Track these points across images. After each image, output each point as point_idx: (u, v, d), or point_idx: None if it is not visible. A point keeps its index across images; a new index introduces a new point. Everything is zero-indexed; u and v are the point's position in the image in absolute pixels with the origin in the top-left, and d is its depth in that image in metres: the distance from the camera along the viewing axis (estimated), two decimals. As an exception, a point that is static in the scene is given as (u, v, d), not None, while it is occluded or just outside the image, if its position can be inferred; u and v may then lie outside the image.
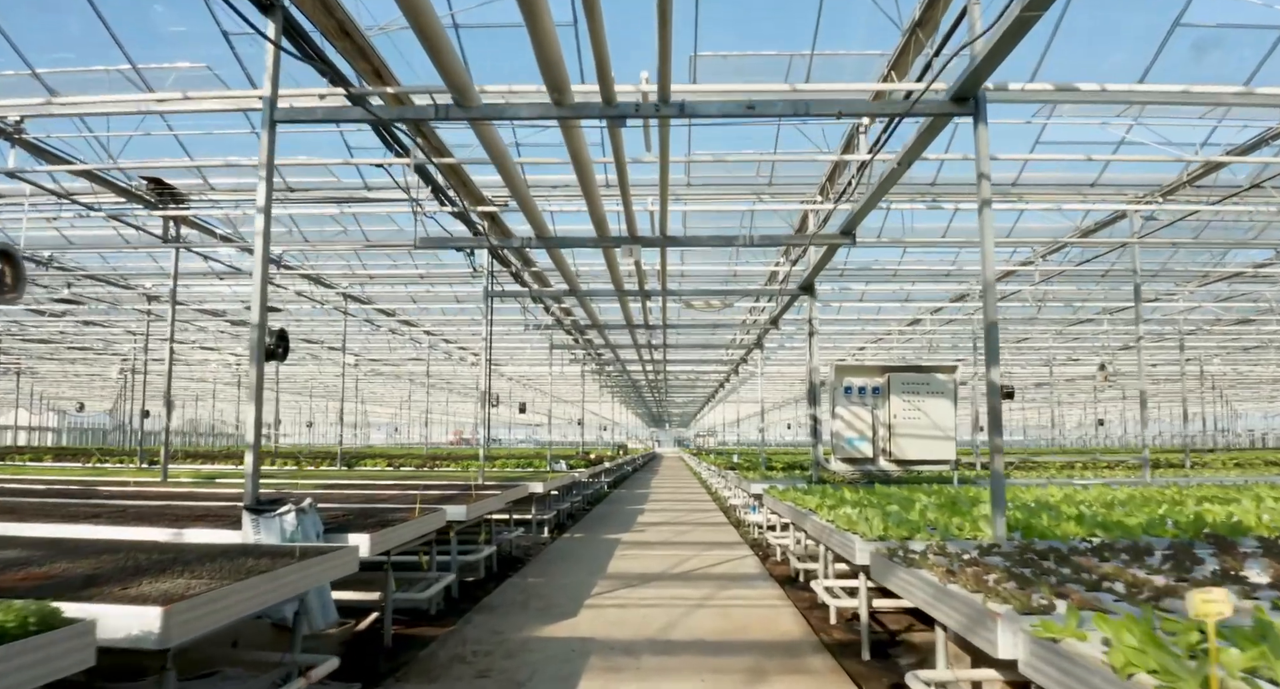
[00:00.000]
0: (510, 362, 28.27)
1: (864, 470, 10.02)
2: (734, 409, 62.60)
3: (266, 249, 5.05)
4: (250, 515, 4.67)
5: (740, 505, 13.69)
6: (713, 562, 9.21)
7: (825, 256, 9.05)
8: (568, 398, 45.87)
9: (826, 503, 6.80)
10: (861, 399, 10.10)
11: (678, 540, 11.24)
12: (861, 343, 25.43)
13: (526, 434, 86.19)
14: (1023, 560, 3.66)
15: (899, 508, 6.04)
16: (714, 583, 7.83)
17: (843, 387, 10.09)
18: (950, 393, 10.00)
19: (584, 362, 21.07)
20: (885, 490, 8.35)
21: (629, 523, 13.47)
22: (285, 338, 14.97)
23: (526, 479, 11.35)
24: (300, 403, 57.94)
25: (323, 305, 16.21)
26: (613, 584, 7.73)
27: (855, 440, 9.98)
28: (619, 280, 9.91)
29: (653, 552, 10.03)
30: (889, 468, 10.01)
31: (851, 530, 5.17)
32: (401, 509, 6.28)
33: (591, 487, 17.61)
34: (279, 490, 8.78)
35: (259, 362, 4.93)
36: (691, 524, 13.36)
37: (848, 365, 10.30)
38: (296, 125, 9.19)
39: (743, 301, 14.81)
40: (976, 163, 4.77)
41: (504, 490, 8.74)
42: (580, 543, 10.93)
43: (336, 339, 24.55)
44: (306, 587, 3.84)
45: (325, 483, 9.91)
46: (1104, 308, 18.27)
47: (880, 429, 10.03)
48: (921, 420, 9.89)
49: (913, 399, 9.91)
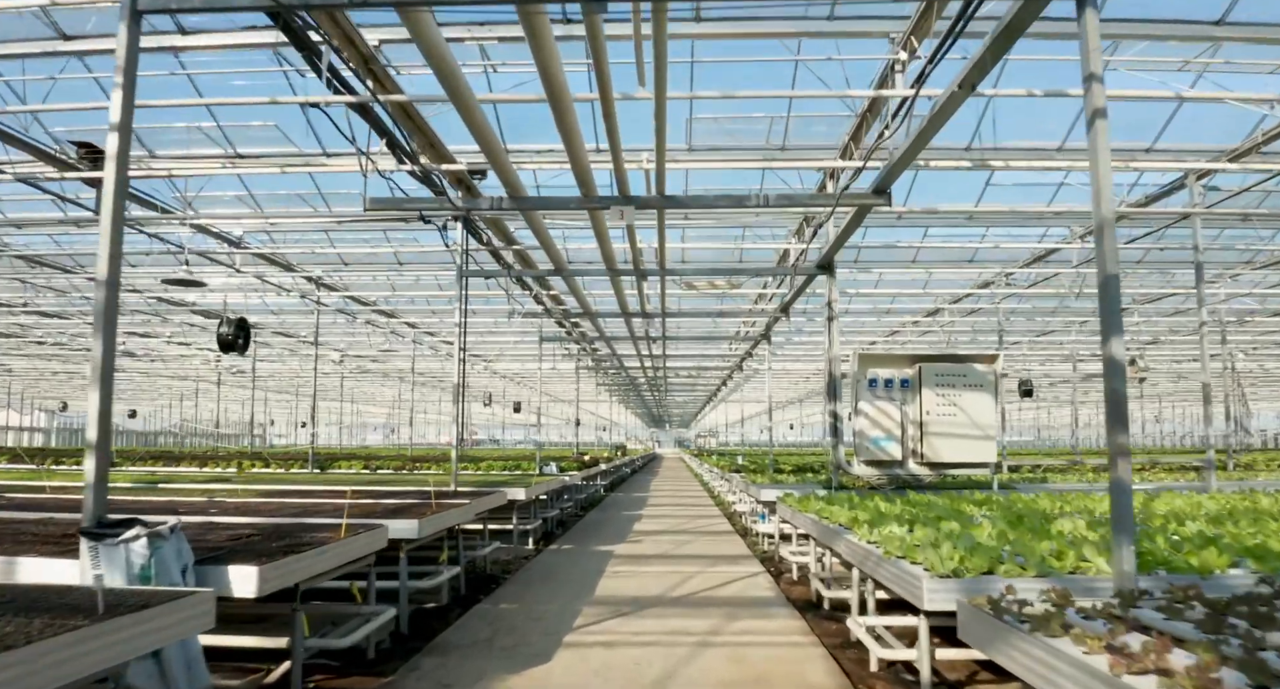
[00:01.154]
0: (500, 357, 26.97)
1: (891, 475, 8.74)
2: (735, 409, 61.35)
3: (123, 177, 3.75)
4: (88, 542, 3.39)
5: (747, 512, 12.43)
6: (718, 580, 7.93)
7: (849, 227, 7.77)
8: (565, 397, 44.59)
9: (860, 517, 5.53)
10: (888, 393, 8.82)
11: (678, 553, 9.96)
12: (873, 337, 24.11)
13: (524, 435, 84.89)
14: (1200, 621, 2.39)
15: (957, 526, 4.76)
16: (722, 610, 6.55)
17: (867, 379, 8.80)
18: (990, 386, 8.72)
19: (578, 357, 19.81)
20: (922, 499, 7.07)
21: (625, 531, 12.20)
22: (246, 327, 13.51)
23: (507, 484, 10.08)
24: (294, 403, 56.72)
25: (286, 292, 14.92)
26: (600, 612, 6.45)
27: (881, 440, 8.70)
28: (610, 254, 8.62)
29: (650, 568, 8.76)
30: (920, 472, 8.73)
31: (909, 559, 3.89)
32: (334, 526, 5.01)
33: (585, 490, 16.34)
34: (209, 497, 7.52)
35: (105, 335, 3.62)
36: (693, 533, 12.09)
37: (873, 354, 9.03)
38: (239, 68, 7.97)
39: (749, 288, 13.51)
40: (1084, 60, 3.49)
41: (475, 499, 7.47)
42: (568, 556, 9.65)
43: (318, 334, 23.31)
44: (121, 656, 2.57)
45: (268, 489, 8.64)
46: (1135, 296, 16.98)
47: (910, 427, 8.75)
48: (958, 417, 8.61)
49: (948, 393, 8.63)
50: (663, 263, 8.81)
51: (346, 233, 12.62)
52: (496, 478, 11.89)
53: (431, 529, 5.84)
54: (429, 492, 8.24)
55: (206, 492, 8.19)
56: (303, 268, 13.85)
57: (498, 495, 8.37)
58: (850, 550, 4.80)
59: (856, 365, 8.78)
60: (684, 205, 6.70)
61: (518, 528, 9.69)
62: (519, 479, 11.21)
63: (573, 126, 5.58)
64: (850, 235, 7.66)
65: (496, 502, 8.25)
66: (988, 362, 8.83)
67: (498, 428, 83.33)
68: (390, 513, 5.99)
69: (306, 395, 49.05)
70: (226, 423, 58.24)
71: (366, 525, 5.04)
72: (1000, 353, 8.86)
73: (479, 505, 7.55)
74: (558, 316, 12.63)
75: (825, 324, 8.88)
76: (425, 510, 6.19)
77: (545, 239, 8.55)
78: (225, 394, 45.91)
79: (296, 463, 15.37)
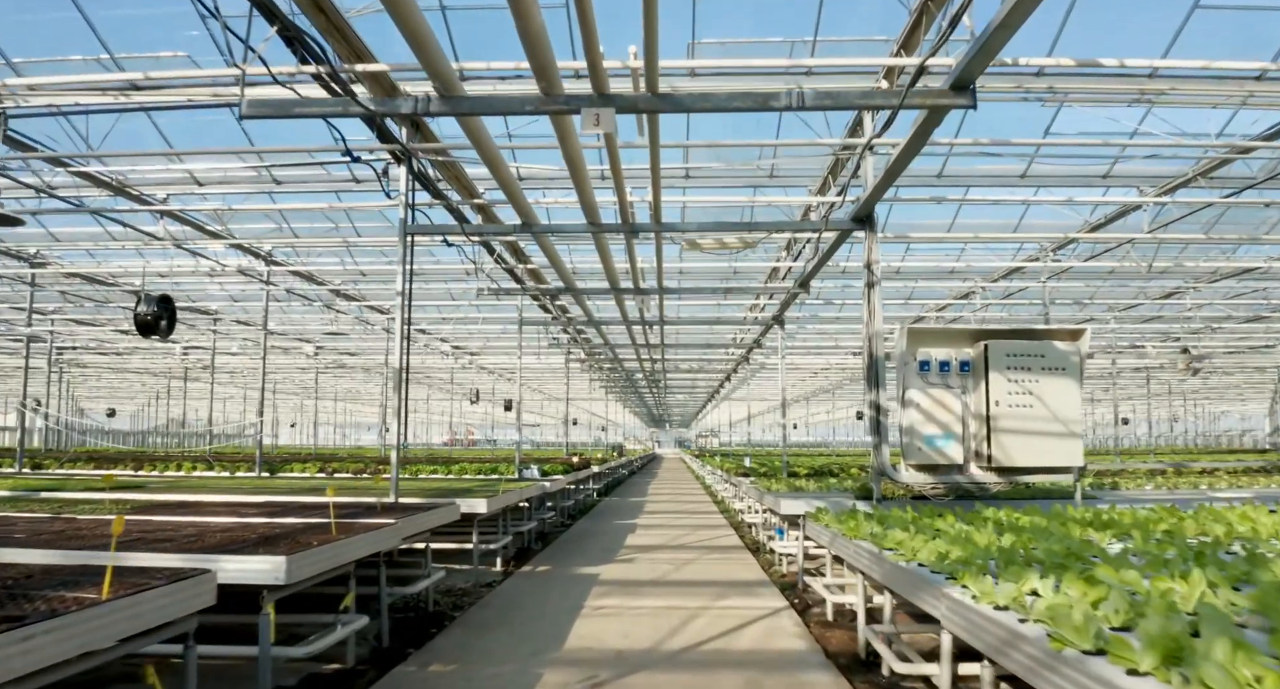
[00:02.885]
0: (485, 350, 25.06)
1: (948, 482, 6.87)
2: (737, 409, 59.49)
3: None
4: None
5: (759, 524, 10.56)
6: (730, 622, 6.06)
7: (907, 151, 5.85)
8: (562, 397, 42.69)
9: (950, 551, 3.67)
10: (944, 379, 6.96)
11: (677, 578, 8.09)
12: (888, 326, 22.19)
13: (530, 434, 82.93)
14: None
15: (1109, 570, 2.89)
16: (739, 676, 4.68)
17: (917, 361, 6.94)
18: (1075, 369, 6.86)
19: (567, 347, 17.95)
20: (1013, 519, 5.20)
21: (615, 546, 10.33)
22: (170, 306, 11.51)
23: (468, 493, 8.23)
24: (286, 401, 54.82)
25: (219, 267, 12.98)
26: (567, 679, 4.58)
27: (936, 440, 6.83)
28: (590, 200, 6.68)
29: (642, 600, 6.89)
30: (985, 479, 6.86)
31: (1116, 660, 2.03)
32: (134, 570, 3.15)
33: (574, 496, 14.47)
34: (56, 512, 5.64)
35: None
36: (695, 548, 10.22)
37: (925, 329, 7.16)
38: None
39: (761, 260, 11.65)
40: None
41: (408, 517, 5.61)
42: (543, 583, 7.79)
43: (293, 326, 21.42)
44: None
45: (146, 501, 6.78)
46: (1192, 274, 15.11)
47: (973, 422, 6.89)
48: (1034, 409, 6.74)
49: (1022, 378, 6.77)
50: (656, 207, 6.87)
51: (288, 193, 10.75)
52: (463, 484, 10.03)
53: (314, 567, 3.97)
54: (358, 505, 6.38)
55: (59, 505, 6.32)
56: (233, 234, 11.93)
57: (447, 509, 6.50)
58: (966, 621, 2.92)
59: (905, 343, 6.91)
60: (684, 107, 4.86)
61: (478, 548, 7.82)
62: (486, 487, 9.35)
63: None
64: (907, 164, 5.77)
65: (444, 518, 6.38)
66: (1070, 338, 6.97)
67: (497, 428, 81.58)
68: (257, 544, 4.13)
69: (296, 393, 47.18)
70: (216, 422, 56.39)
71: (181, 572, 3.17)
72: (1087, 327, 6.98)
73: (415, 524, 5.70)
74: (534, 291, 10.73)
75: (864, 292, 7.02)
76: (315, 538, 4.33)
77: (505, 180, 6.67)
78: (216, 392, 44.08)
79: (245, 465, 13.51)
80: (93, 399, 48.80)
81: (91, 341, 22.29)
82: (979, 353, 6.92)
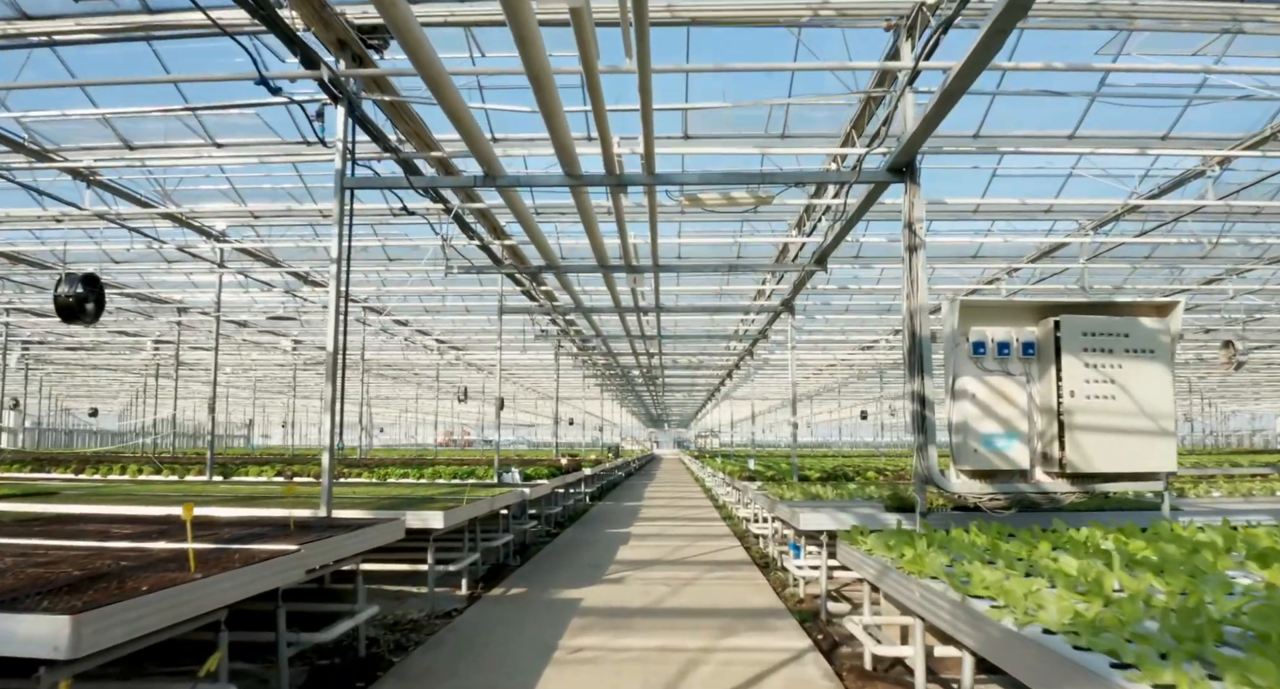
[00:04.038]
0: (472, 345, 23.70)
1: (1010, 492, 5.56)
2: (738, 408, 58.17)
3: None
4: None
5: (769, 535, 9.26)
6: (743, 673, 4.75)
7: (954, 88, 4.61)
8: (557, 396, 41.31)
9: (1090, 610, 2.38)
10: (1003, 364, 5.66)
11: (676, 606, 6.78)
12: (885, 332, 20.83)
13: (518, 435, 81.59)
14: None
15: None
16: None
17: (970, 342, 5.64)
18: (1165, 351, 5.57)
19: (557, 339, 16.63)
20: (1124, 544, 3.90)
21: (604, 561, 9.03)
22: (97, 286, 10.18)
23: (429, 503, 6.94)
24: (284, 401, 53.42)
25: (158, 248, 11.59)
26: (520, 774, 3.28)
27: (996, 440, 5.52)
28: (566, 144, 5.36)
29: (631, 639, 5.58)
30: (1056, 487, 5.56)
31: None
32: None
33: (562, 502, 13.16)
34: None
35: None
36: (696, 564, 8.91)
37: (981, 302, 5.85)
38: None
39: (770, 238, 10.31)
40: None
41: (321, 541, 4.30)
42: (514, 611, 6.48)
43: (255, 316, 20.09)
44: None
45: (25, 515, 5.48)
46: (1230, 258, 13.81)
47: (1040, 417, 5.59)
48: (1118, 402, 5.45)
49: (1102, 363, 5.47)
50: (649, 155, 5.50)
51: (234, 159, 9.42)
52: (426, 492, 8.73)
53: (128, 628, 2.67)
54: (266, 522, 5.08)
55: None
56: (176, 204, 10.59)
57: (385, 527, 5.18)
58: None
59: (955, 321, 5.60)
60: None
61: (435, 570, 6.50)
62: (453, 494, 8.04)
63: None
64: (964, 90, 4.49)
65: (379, 538, 5.06)
66: (1158, 313, 5.67)
67: (490, 429, 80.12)
68: (56, 591, 2.82)
69: (283, 392, 45.81)
70: (203, 422, 55.04)
71: None
72: (1179, 300, 5.68)
73: (331, 550, 4.38)
74: (511, 269, 9.35)
75: (905, 258, 5.71)
76: (156, 579, 3.03)
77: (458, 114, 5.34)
78: (203, 390, 42.80)
79: (197, 468, 12.19)
80: (74, 398, 47.49)
81: (50, 335, 20.94)
82: (1046, 332, 5.61)
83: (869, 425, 63.83)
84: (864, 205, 6.44)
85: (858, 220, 7.00)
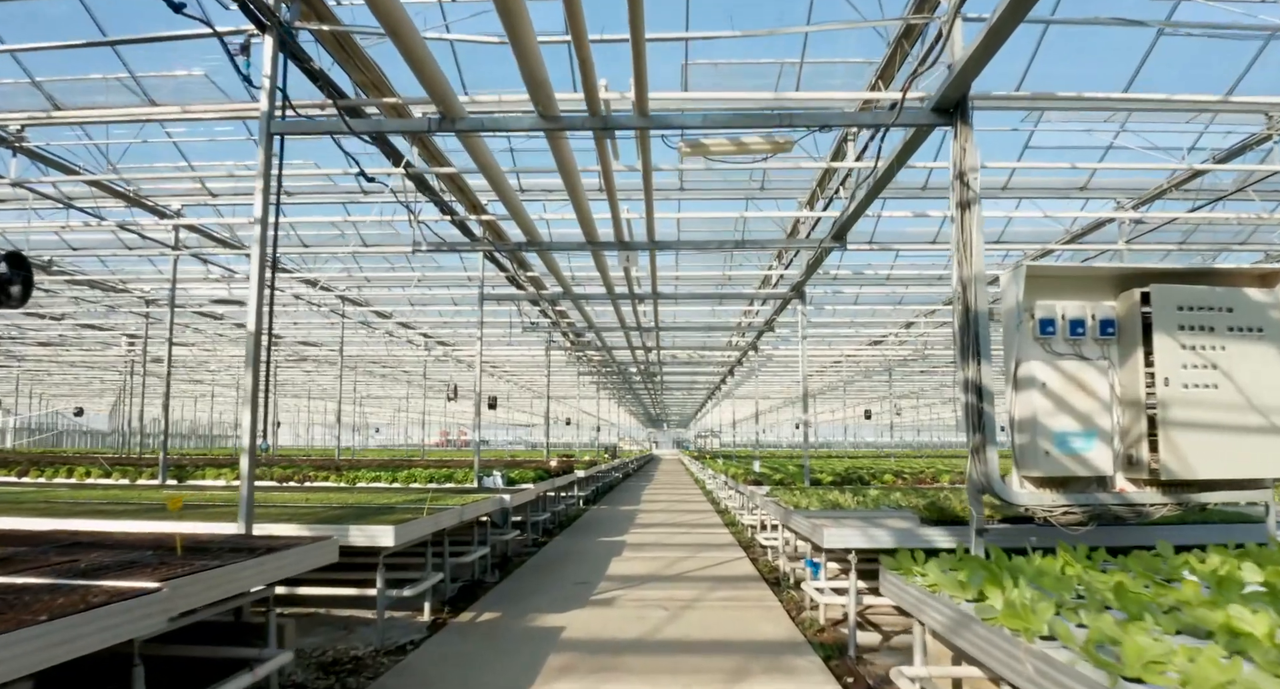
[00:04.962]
0: (460, 340, 22.58)
1: (1087, 503, 4.49)
2: (737, 407, 57.07)
3: None
4: None
5: (778, 546, 8.20)
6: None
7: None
8: (557, 395, 40.19)
9: None
10: (1077, 346, 4.61)
11: (675, 637, 5.71)
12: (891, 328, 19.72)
13: (514, 435, 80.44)
14: None
15: None
16: None
17: (1037, 319, 4.59)
18: (1277, 330, 4.51)
19: (548, 332, 15.58)
20: (1234, 571, 2.84)
21: (594, 576, 7.96)
22: (24, 266, 9.02)
23: (387, 514, 5.89)
24: (300, 405, 52.44)
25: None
26: None
27: (1073, 439, 4.47)
28: (540, 78, 4.31)
29: (619, 686, 4.51)
30: (1144, 497, 4.50)
31: None
32: None
33: (550, 507, 12.10)
34: None
35: None
36: (698, 580, 7.85)
37: (1049, 270, 4.79)
38: None
39: (780, 213, 9.18)
40: None
41: (201, 575, 3.24)
42: (480, 645, 5.42)
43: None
44: None
45: None
46: None
47: (1123, 412, 4.54)
48: (1222, 393, 4.39)
49: (1202, 344, 4.41)
50: (641, 87, 4.38)
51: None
52: (389, 499, 7.66)
53: None
54: (149, 545, 4.03)
55: None
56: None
57: (314, 549, 4.12)
58: None
59: (1020, 292, 4.54)
60: None
61: (385, 596, 5.43)
62: (416, 503, 6.97)
63: None
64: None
65: (302, 564, 3.99)
66: (1263, 283, 4.61)
67: (497, 428, 78.89)
68: None
69: (299, 395, 44.77)
70: (200, 423, 54.06)
71: None
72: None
73: (211, 586, 3.32)
74: (487, 245, 8.24)
75: (956, 215, 4.64)
76: None
77: (410, 47, 4.29)
78: (200, 391, 41.77)
79: (150, 471, 11.13)
80: (60, 397, 46.41)
81: (14, 328, 19.85)
82: (1130, 306, 4.55)
83: (871, 425, 62.77)
84: (898, 159, 5.37)
85: (889, 180, 5.93)
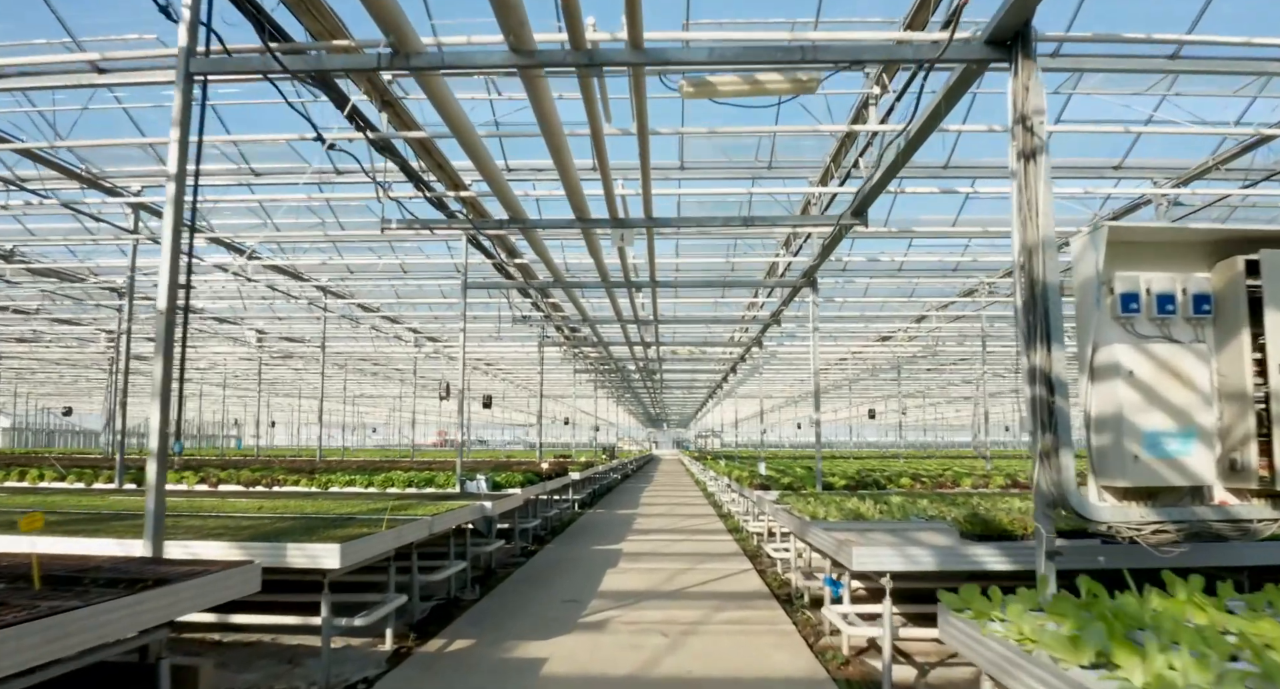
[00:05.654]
0: (445, 335, 21.70)
1: (1183, 520, 3.66)
2: (739, 406, 56.25)
3: None
4: None
5: (790, 559, 7.36)
6: None
7: None
8: (556, 395, 39.37)
9: None
10: (1165, 326, 3.78)
11: (675, 675, 4.87)
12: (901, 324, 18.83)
13: (513, 434, 79.59)
14: None
15: None
16: None
17: (1118, 294, 3.75)
18: None
19: (541, 325, 14.76)
20: None
21: (585, 593, 7.12)
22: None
23: (344, 525, 5.07)
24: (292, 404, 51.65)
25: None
26: None
27: (1167, 440, 3.63)
28: (513, 12, 3.45)
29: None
30: (1252, 513, 3.66)
31: None
32: None
33: (541, 512, 11.27)
34: None
35: None
36: (701, 598, 7.01)
37: (1132, 231, 3.93)
38: None
39: (787, 189, 8.36)
40: None
41: (49, 617, 2.40)
42: (444, 684, 4.58)
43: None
44: None
45: None
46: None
47: (1226, 406, 3.71)
48: (1351, 381, 3.55)
49: (1327, 322, 3.58)
50: (634, 16, 3.59)
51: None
52: (352, 507, 6.82)
53: None
54: (14, 576, 3.19)
55: None
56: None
57: (220, 579, 3.28)
58: None
59: (1100, 260, 3.71)
60: None
61: (329, 625, 4.59)
62: (382, 513, 6.13)
63: None
64: None
65: (202, 599, 3.16)
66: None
67: (486, 428, 78.02)
68: None
69: (290, 394, 43.97)
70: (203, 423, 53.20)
71: None
72: None
73: (40, 643, 2.49)
74: (467, 223, 7.43)
75: (1019, 167, 3.81)
76: None
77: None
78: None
79: (103, 474, 10.29)
80: (49, 397, 45.56)
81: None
82: (1230, 278, 3.72)
83: (874, 425, 61.85)
84: (941, 106, 4.52)
85: (923, 140, 5.10)
